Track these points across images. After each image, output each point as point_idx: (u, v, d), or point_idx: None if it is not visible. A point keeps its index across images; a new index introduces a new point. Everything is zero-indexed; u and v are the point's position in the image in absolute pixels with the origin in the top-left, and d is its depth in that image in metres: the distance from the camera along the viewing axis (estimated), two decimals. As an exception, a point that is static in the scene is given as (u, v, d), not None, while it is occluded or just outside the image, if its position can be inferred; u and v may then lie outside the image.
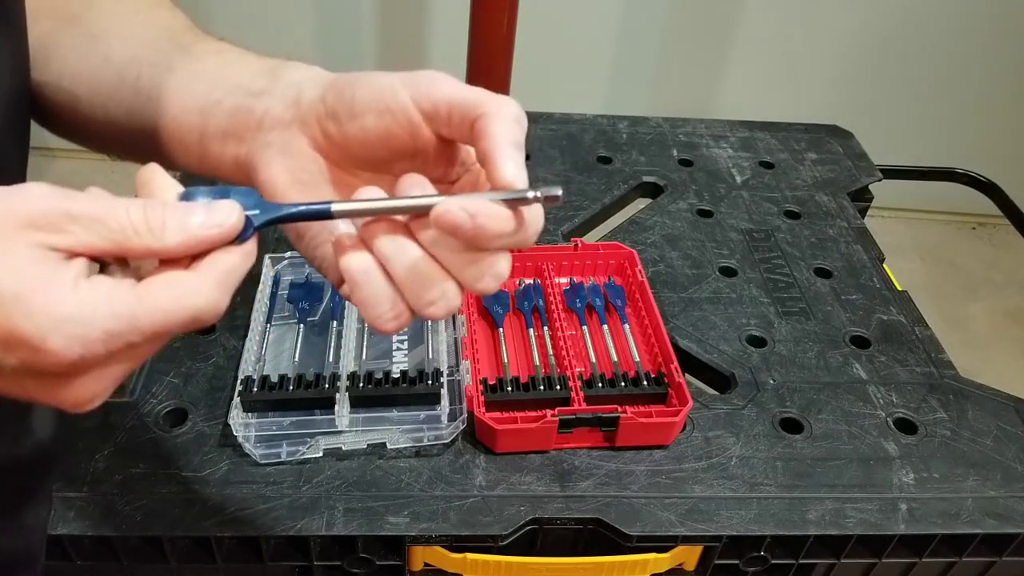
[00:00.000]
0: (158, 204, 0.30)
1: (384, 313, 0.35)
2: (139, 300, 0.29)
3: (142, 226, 0.29)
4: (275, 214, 0.33)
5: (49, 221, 0.28)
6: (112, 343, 0.28)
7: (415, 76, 0.35)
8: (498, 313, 0.71)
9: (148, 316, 0.29)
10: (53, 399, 0.30)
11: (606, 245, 0.77)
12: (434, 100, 0.34)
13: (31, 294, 0.27)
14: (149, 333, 0.29)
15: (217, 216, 0.31)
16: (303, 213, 0.33)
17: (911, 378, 0.71)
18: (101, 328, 0.28)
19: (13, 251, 0.27)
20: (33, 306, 0.27)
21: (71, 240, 0.28)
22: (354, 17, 1.84)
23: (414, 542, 0.56)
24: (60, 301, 0.27)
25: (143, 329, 0.29)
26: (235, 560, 0.57)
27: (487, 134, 0.33)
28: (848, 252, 0.85)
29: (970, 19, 1.83)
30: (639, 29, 1.86)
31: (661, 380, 0.64)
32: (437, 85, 0.34)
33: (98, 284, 0.29)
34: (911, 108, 1.97)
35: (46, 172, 1.93)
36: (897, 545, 0.59)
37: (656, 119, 1.05)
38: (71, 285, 0.28)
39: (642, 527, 0.57)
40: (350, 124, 0.36)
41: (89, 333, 0.28)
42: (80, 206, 0.28)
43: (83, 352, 0.28)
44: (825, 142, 1.04)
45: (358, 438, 0.60)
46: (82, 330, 0.27)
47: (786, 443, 0.64)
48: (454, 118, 0.34)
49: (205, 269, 0.30)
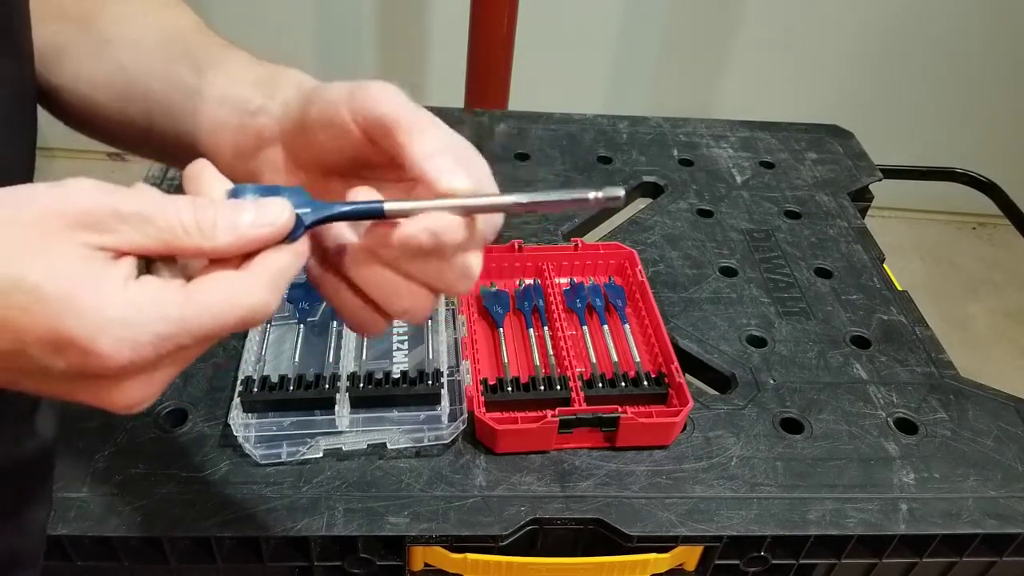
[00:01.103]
0: (208, 202, 0.30)
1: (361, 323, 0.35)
2: (189, 301, 0.28)
3: (192, 225, 0.29)
4: (326, 213, 0.32)
5: (97, 220, 0.27)
6: (162, 345, 0.28)
7: (355, 90, 0.34)
8: (498, 313, 0.71)
9: (198, 318, 0.28)
10: (102, 402, 0.29)
11: (606, 245, 0.77)
12: (366, 116, 0.34)
13: (80, 295, 0.26)
14: (199, 335, 0.28)
15: (268, 215, 0.30)
16: (355, 212, 0.33)
17: (911, 378, 0.71)
18: (151, 330, 0.27)
19: (61, 251, 0.27)
20: (82, 307, 0.26)
21: (119, 240, 0.28)
22: (354, 17, 1.84)
23: (414, 542, 0.56)
24: (109, 302, 0.27)
25: (193, 331, 0.28)
26: (235, 560, 0.56)
27: (410, 155, 0.32)
28: (848, 252, 0.85)
29: (970, 19, 1.83)
30: (639, 29, 1.86)
31: (661, 380, 0.64)
32: (371, 100, 0.33)
33: (147, 285, 0.28)
34: (911, 108, 1.97)
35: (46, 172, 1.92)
36: (898, 545, 0.59)
37: (656, 119, 1.05)
38: (120, 286, 0.27)
39: (642, 527, 0.57)
40: (309, 139, 0.36)
41: (139, 335, 0.27)
42: (129, 204, 0.28)
43: (132, 355, 0.27)
44: (825, 142, 1.04)
45: (358, 438, 0.60)
46: (132, 332, 0.27)
47: (786, 443, 0.64)
48: (385, 136, 0.34)
49: (257, 269, 0.30)
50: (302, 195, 0.32)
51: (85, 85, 0.42)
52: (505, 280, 0.75)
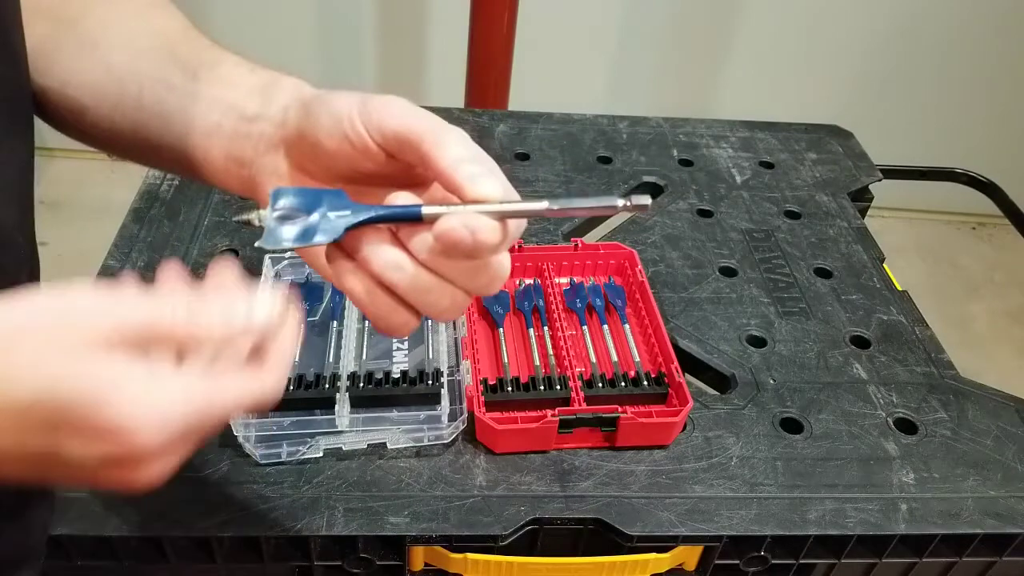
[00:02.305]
0: (202, 305, 0.31)
1: (392, 324, 0.36)
2: (213, 391, 0.31)
3: (204, 329, 0.31)
4: (364, 216, 0.34)
5: (123, 337, 0.29)
6: (189, 430, 0.30)
7: (368, 104, 0.35)
8: (498, 313, 0.71)
9: (221, 406, 0.31)
10: (124, 483, 0.31)
11: (606, 245, 0.77)
12: (383, 131, 0.35)
13: (115, 390, 0.28)
14: (221, 419, 0.32)
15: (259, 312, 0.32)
16: (393, 215, 0.34)
17: (911, 378, 0.71)
18: (182, 416, 0.30)
19: (92, 357, 0.28)
20: (118, 400, 0.28)
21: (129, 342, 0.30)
22: (354, 17, 1.84)
23: (414, 542, 0.56)
24: (144, 394, 0.29)
25: (216, 416, 0.31)
26: (235, 560, 0.56)
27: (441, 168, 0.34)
28: (848, 252, 0.85)
29: (970, 19, 1.83)
30: (639, 29, 1.86)
31: (661, 380, 0.64)
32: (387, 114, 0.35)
33: (174, 376, 0.30)
34: (911, 108, 1.97)
35: (46, 172, 1.93)
36: (897, 545, 0.59)
37: (656, 119, 1.05)
38: (149, 378, 0.29)
39: (642, 527, 0.57)
40: (315, 148, 0.37)
41: (171, 422, 0.29)
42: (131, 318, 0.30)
43: (165, 440, 0.29)
44: (825, 142, 1.04)
45: (358, 438, 0.60)
46: (164, 420, 0.29)
47: (786, 443, 0.64)
48: (405, 148, 0.35)
49: (272, 363, 0.33)
50: (342, 197, 0.34)
51: (73, 89, 0.42)
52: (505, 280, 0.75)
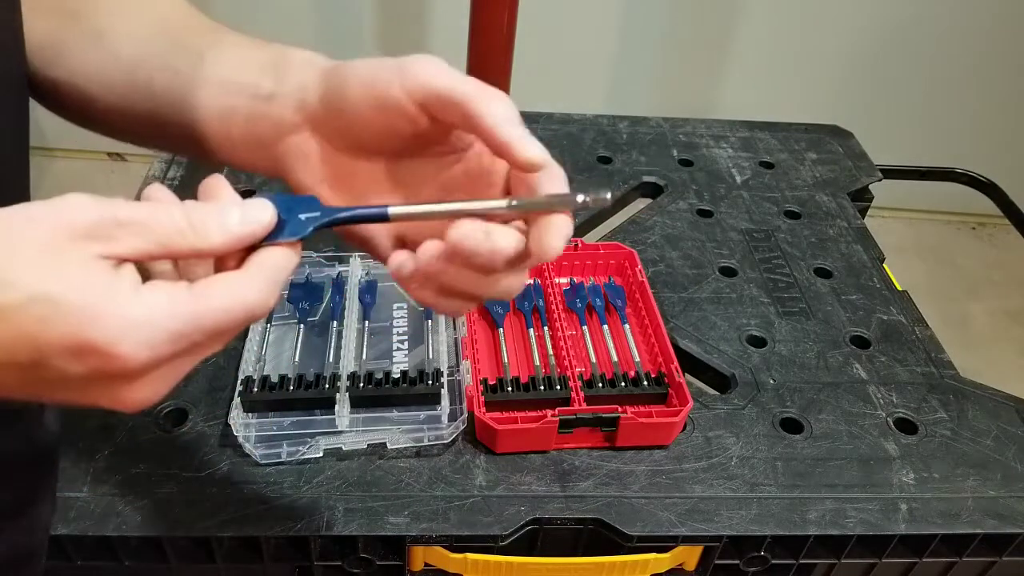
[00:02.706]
0: (199, 206, 0.31)
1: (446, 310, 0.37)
2: (197, 300, 0.30)
3: (187, 228, 0.30)
4: (333, 216, 0.35)
5: (101, 230, 0.29)
6: (178, 344, 0.29)
7: (405, 67, 0.35)
8: (498, 313, 0.71)
9: (208, 315, 0.30)
10: (116, 402, 0.30)
11: (606, 245, 0.77)
12: (426, 92, 0.35)
13: (97, 303, 0.28)
14: (211, 331, 0.30)
15: (253, 213, 0.32)
16: (361, 216, 0.35)
17: (911, 378, 0.71)
18: (166, 330, 0.29)
19: (71, 263, 0.28)
20: (101, 314, 0.28)
21: (123, 247, 0.29)
22: (354, 17, 1.84)
23: (414, 542, 0.56)
24: (126, 307, 0.28)
25: (205, 328, 0.30)
26: (235, 560, 0.56)
27: (488, 126, 0.34)
28: (848, 252, 0.85)
29: (970, 19, 1.83)
30: (639, 29, 1.86)
31: (661, 380, 0.64)
32: (428, 76, 0.35)
33: (157, 288, 0.30)
34: (911, 108, 1.97)
35: (46, 172, 1.93)
36: (897, 545, 0.59)
37: (656, 119, 1.05)
38: (132, 291, 0.29)
39: (642, 527, 0.57)
40: (350, 121, 0.37)
41: (156, 336, 0.29)
42: (126, 212, 0.29)
43: (151, 355, 0.29)
44: (825, 142, 1.04)
45: (358, 438, 0.60)
46: (149, 333, 0.28)
47: (786, 443, 0.64)
48: (448, 108, 0.35)
49: (254, 268, 0.32)
50: (313, 202, 0.35)
51: (82, 80, 0.42)
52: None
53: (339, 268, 0.73)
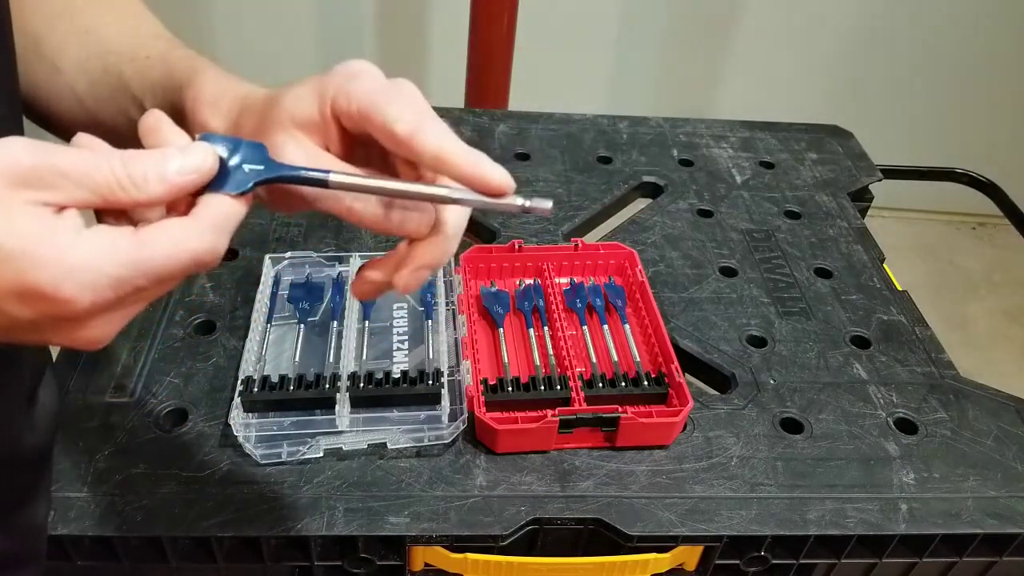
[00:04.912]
0: (136, 155, 0.31)
1: None
2: (141, 246, 0.30)
3: (125, 179, 0.30)
4: (276, 173, 0.34)
5: (40, 178, 0.29)
6: (120, 287, 0.30)
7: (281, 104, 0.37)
8: (498, 313, 0.71)
9: (151, 260, 0.30)
10: (68, 341, 0.31)
11: (606, 245, 0.77)
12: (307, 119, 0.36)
13: (38, 248, 0.28)
14: (154, 277, 0.31)
15: (192, 161, 0.32)
16: (302, 177, 0.35)
17: (911, 378, 0.71)
18: (108, 274, 0.29)
19: (10, 210, 0.28)
20: (43, 259, 0.28)
21: (62, 196, 0.29)
22: (354, 17, 1.84)
23: (414, 542, 0.56)
24: (67, 252, 0.28)
25: (148, 273, 0.30)
26: (235, 560, 0.56)
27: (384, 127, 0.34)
28: (848, 252, 0.85)
29: (970, 19, 1.83)
30: (639, 29, 1.86)
31: (662, 380, 0.64)
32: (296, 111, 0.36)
33: (100, 233, 0.30)
34: (911, 108, 1.97)
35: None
36: (897, 545, 0.59)
37: (656, 119, 1.05)
38: (73, 236, 0.29)
39: (642, 527, 0.57)
40: None
41: (98, 279, 0.29)
42: (66, 162, 0.29)
43: (95, 297, 0.29)
44: (825, 142, 1.04)
45: (358, 438, 0.60)
46: (91, 277, 0.29)
47: (786, 443, 0.64)
48: (358, 125, 0.36)
49: (200, 214, 0.32)
50: (261, 151, 0.34)
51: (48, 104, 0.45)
52: (505, 280, 0.75)
53: (339, 268, 0.73)
